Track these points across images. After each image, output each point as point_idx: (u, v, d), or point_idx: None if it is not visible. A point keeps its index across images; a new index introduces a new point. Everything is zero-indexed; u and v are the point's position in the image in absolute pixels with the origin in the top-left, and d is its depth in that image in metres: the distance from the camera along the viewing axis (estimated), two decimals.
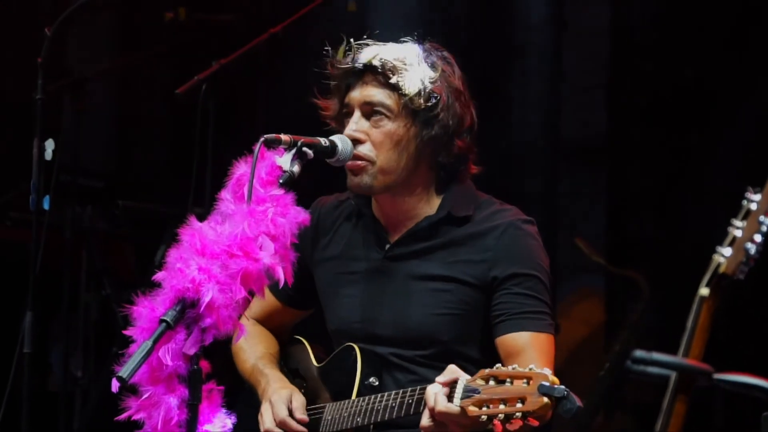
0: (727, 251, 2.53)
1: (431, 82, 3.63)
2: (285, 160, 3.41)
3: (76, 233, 6.00)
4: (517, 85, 7.14)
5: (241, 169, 3.40)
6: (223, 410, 3.38)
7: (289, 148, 3.43)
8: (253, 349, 3.94)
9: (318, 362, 3.83)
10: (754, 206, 2.54)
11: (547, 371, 3.06)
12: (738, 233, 2.54)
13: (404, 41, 3.70)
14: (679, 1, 6.69)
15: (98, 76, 6.48)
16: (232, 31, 6.15)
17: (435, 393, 3.23)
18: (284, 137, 3.44)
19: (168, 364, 3.21)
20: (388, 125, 3.62)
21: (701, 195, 6.60)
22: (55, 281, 5.81)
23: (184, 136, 5.90)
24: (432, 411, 3.23)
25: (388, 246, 3.72)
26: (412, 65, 3.63)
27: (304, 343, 3.93)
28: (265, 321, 4.00)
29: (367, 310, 3.70)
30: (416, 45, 3.68)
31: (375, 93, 3.63)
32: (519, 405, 3.03)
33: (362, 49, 3.66)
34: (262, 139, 3.41)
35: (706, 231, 6.40)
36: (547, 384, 3.01)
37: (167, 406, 3.26)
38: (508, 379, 3.08)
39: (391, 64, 3.61)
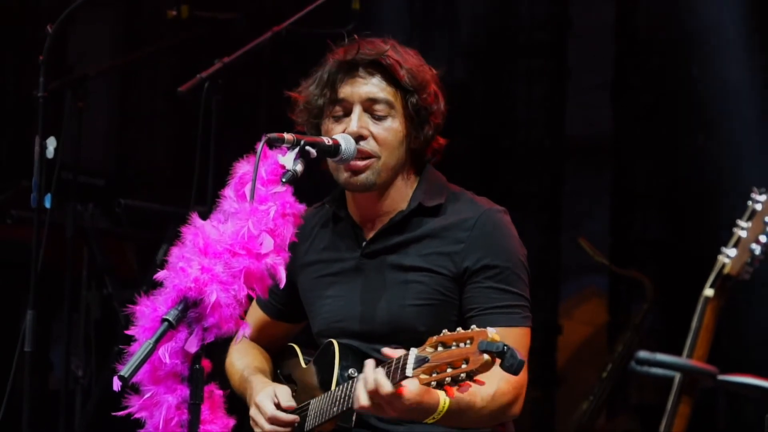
0: (732, 252, 2.52)
1: (429, 80, 3.64)
2: (288, 159, 3.40)
3: (77, 231, 5.99)
4: (522, 84, 7.14)
5: (244, 167, 3.38)
6: (225, 412, 3.37)
7: (292, 147, 3.42)
8: (241, 362, 3.96)
9: (305, 364, 3.84)
10: (759, 207, 2.53)
11: (490, 330, 3.03)
12: (743, 234, 2.53)
13: (367, 33, 3.69)
14: None
15: (100, 73, 6.45)
16: (235, 29, 6.14)
17: (375, 376, 3.25)
18: (287, 136, 3.43)
19: (166, 362, 3.20)
20: (392, 123, 3.62)
21: (706, 195, 6.59)
22: (56, 280, 5.80)
23: (186, 134, 5.88)
24: (374, 394, 3.25)
25: (364, 243, 3.72)
26: (411, 63, 3.63)
27: (295, 349, 3.94)
28: (257, 337, 4.00)
29: (347, 308, 3.70)
30: (387, 39, 3.68)
31: (379, 89, 3.62)
32: (464, 366, 3.03)
33: (365, 44, 3.64)
34: (265, 137, 3.40)
35: (711, 231, 6.41)
36: (486, 341, 3.00)
37: (168, 406, 3.25)
38: (454, 343, 3.08)
39: (396, 61, 3.60)
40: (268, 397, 3.71)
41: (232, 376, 3.95)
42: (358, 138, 3.59)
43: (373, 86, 3.62)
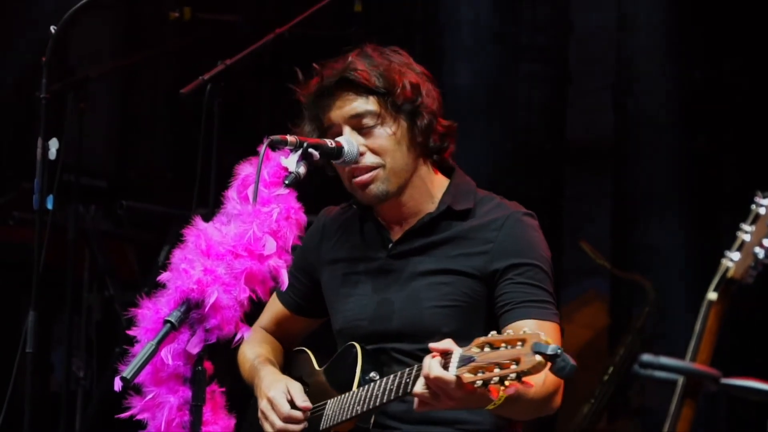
0: (735, 255, 2.51)
1: (402, 73, 3.64)
2: (291, 161, 3.40)
3: (79, 233, 6.00)
4: (523, 88, 7.14)
5: (246, 169, 3.39)
6: (226, 412, 3.38)
7: (294, 149, 3.43)
8: (252, 351, 3.96)
9: (320, 366, 3.84)
10: (762, 210, 2.52)
11: (542, 333, 3.02)
12: (746, 237, 2.52)
13: (348, 48, 3.70)
14: (686, 2, 6.69)
15: (102, 75, 6.46)
16: (237, 30, 6.14)
17: (429, 361, 3.20)
18: (290, 138, 3.44)
19: (169, 364, 3.21)
20: (382, 129, 3.63)
21: (708, 198, 6.59)
22: (57, 281, 5.80)
23: (187, 136, 5.89)
24: (427, 378, 3.20)
25: (391, 245, 3.73)
26: (378, 65, 3.63)
27: (306, 352, 3.94)
28: (275, 330, 4.03)
29: (371, 307, 3.71)
30: (363, 48, 3.68)
31: (357, 104, 3.62)
32: (513, 366, 3.01)
33: (325, 67, 3.65)
34: (267, 140, 3.40)
35: (713, 235, 6.42)
36: (540, 343, 2.99)
37: (170, 407, 3.26)
38: (503, 345, 3.06)
39: (362, 71, 3.60)
40: (283, 394, 3.70)
41: (243, 365, 3.96)
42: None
43: (350, 103, 3.63)
